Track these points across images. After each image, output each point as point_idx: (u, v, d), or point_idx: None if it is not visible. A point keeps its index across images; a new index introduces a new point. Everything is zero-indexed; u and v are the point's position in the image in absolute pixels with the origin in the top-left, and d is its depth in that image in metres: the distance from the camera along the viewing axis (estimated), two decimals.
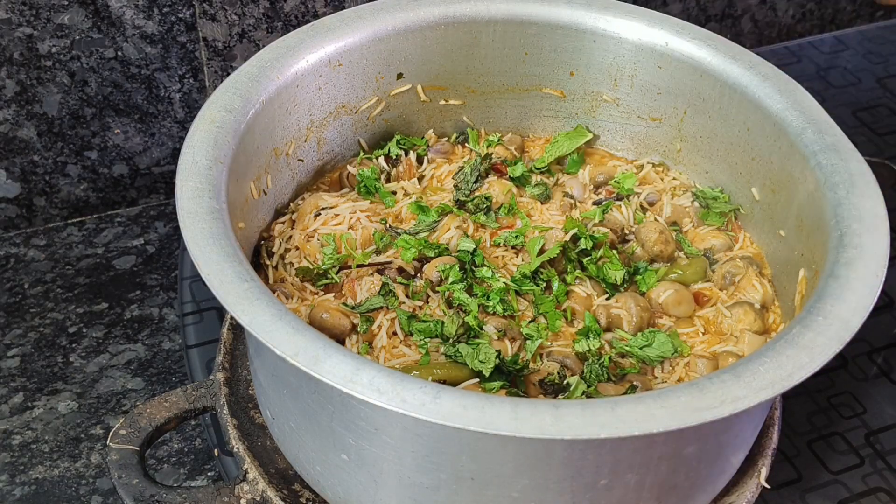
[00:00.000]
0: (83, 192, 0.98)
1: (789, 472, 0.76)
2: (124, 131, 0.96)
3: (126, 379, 0.83)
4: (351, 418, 0.54)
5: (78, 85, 0.92)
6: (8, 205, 0.95)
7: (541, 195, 0.76)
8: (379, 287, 0.66)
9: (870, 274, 0.56)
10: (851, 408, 0.81)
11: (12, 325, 0.87)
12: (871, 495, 0.74)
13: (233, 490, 0.64)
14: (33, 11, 0.86)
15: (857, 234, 0.58)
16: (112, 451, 0.63)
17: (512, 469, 0.52)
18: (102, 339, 0.86)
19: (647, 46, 0.75)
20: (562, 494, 0.53)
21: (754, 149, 0.72)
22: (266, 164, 0.70)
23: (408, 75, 0.78)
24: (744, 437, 0.62)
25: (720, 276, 0.70)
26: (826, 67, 1.23)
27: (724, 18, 1.23)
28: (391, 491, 0.56)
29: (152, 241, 0.96)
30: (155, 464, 0.76)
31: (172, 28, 0.92)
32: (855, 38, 1.29)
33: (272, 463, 0.66)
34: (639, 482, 0.54)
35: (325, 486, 0.61)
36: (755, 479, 0.65)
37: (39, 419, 0.79)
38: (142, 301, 0.90)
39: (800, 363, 0.51)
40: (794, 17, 1.28)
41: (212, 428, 0.77)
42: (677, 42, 0.74)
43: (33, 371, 0.83)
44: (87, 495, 0.74)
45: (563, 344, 0.65)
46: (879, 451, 0.78)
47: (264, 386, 0.62)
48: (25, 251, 0.94)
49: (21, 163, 0.94)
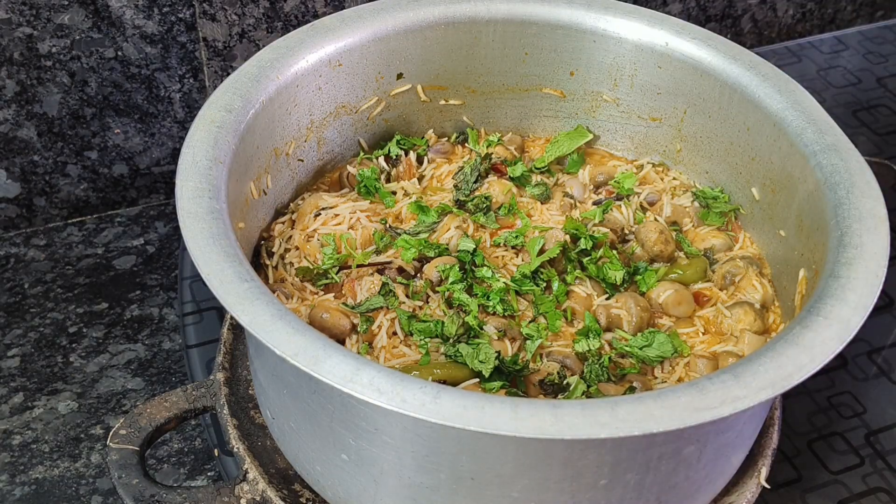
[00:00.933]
0: (83, 192, 0.98)
1: (789, 472, 0.76)
2: (124, 131, 0.96)
3: (126, 379, 0.83)
4: (351, 418, 0.54)
5: (78, 85, 0.92)
6: (8, 205, 0.95)
7: (541, 195, 0.76)
8: (379, 287, 0.66)
9: (870, 274, 0.56)
10: (851, 408, 0.81)
11: (12, 325, 0.87)
12: (871, 495, 0.74)
13: (233, 490, 0.64)
14: (33, 11, 0.86)
15: (858, 234, 0.58)
16: (112, 451, 0.63)
17: (512, 469, 0.52)
18: (102, 339, 0.86)
19: (647, 46, 0.75)
20: (562, 494, 0.53)
21: (754, 149, 0.72)
22: (266, 164, 0.70)
23: (408, 75, 0.78)
24: (744, 437, 0.62)
25: (720, 276, 0.70)
26: (826, 67, 1.23)
27: (724, 18, 1.23)
28: (391, 491, 0.56)
29: (152, 241, 0.96)
30: (155, 464, 0.76)
31: (172, 28, 0.92)
32: (855, 38, 1.29)
33: (272, 463, 0.66)
34: (639, 482, 0.54)
35: (325, 486, 0.61)
36: (755, 478, 0.65)
37: (39, 419, 0.79)
38: (142, 301, 0.90)
39: (800, 363, 0.51)
40: (794, 17, 1.28)
41: (212, 428, 0.77)
42: (677, 42, 0.75)
43: (33, 371, 0.83)
44: (87, 495, 0.74)
45: (563, 344, 0.65)
46: (879, 451, 0.77)
47: (264, 386, 0.62)
48: (25, 251, 0.94)
49: (21, 163, 0.94)
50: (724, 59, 0.72)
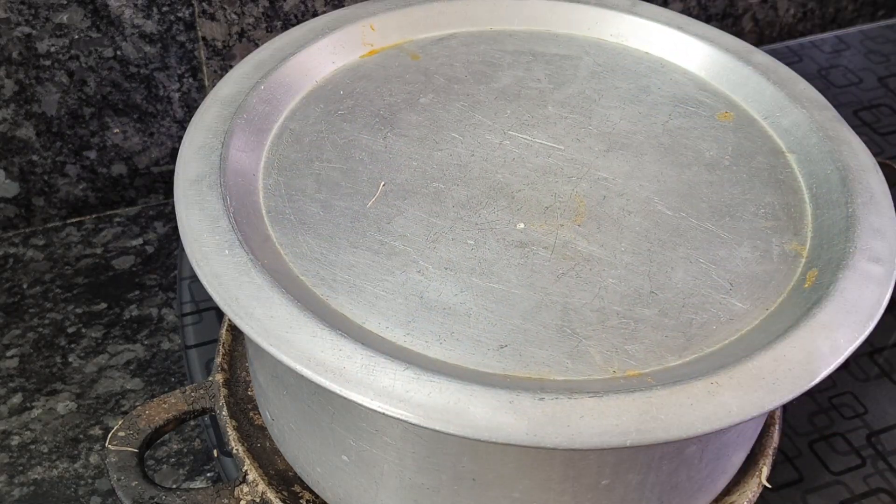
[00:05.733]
0: (82, 192, 0.98)
1: (790, 472, 0.75)
2: (123, 131, 0.96)
3: (125, 379, 0.82)
4: (352, 419, 0.53)
5: (77, 84, 0.91)
6: (6, 205, 0.95)
7: None
8: None
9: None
10: (853, 408, 0.81)
11: (11, 325, 0.86)
12: (872, 496, 0.74)
13: (232, 492, 0.63)
14: (32, 10, 0.86)
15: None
16: (111, 453, 0.63)
17: (513, 470, 0.52)
18: (101, 339, 0.86)
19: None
20: (563, 495, 0.53)
21: None
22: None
23: None
24: (745, 436, 0.61)
25: None
26: (827, 67, 1.23)
27: (724, 17, 1.22)
28: (392, 492, 0.56)
29: (151, 241, 0.96)
30: (154, 464, 0.76)
31: (171, 27, 0.92)
32: (856, 37, 1.29)
33: (272, 464, 0.65)
34: (640, 482, 0.54)
35: (325, 488, 0.61)
36: (756, 478, 0.65)
37: (38, 420, 0.79)
38: (141, 301, 0.90)
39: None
40: (795, 17, 1.28)
41: (211, 428, 0.77)
42: None
43: (32, 371, 0.83)
44: (85, 496, 0.74)
45: None
46: (881, 452, 0.77)
47: (264, 387, 0.62)
48: (24, 251, 0.94)
49: (20, 162, 0.93)
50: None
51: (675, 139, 0.66)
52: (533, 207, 0.60)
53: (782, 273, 0.57)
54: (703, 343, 0.53)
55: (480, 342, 0.51)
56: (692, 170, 0.64)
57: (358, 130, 0.65)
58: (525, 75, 0.71)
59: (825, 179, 0.62)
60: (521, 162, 0.63)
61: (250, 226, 0.56)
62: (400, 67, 0.71)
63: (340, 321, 0.51)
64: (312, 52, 0.69)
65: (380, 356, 0.48)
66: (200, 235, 0.54)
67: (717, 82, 0.72)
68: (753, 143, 0.67)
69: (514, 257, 0.57)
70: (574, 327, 0.53)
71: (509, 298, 0.54)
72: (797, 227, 0.60)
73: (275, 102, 0.66)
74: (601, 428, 0.46)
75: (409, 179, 0.61)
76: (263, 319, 0.50)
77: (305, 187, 0.60)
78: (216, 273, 0.52)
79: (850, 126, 0.69)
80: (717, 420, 0.47)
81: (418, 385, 0.47)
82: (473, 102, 0.68)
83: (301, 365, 0.48)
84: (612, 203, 0.61)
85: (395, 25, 0.73)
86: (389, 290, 0.54)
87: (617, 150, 0.65)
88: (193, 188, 0.57)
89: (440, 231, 0.58)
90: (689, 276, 0.56)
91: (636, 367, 0.51)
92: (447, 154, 0.64)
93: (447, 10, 0.75)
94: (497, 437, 0.45)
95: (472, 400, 0.46)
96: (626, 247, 0.58)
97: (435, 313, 0.53)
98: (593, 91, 0.70)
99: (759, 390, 0.48)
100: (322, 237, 0.57)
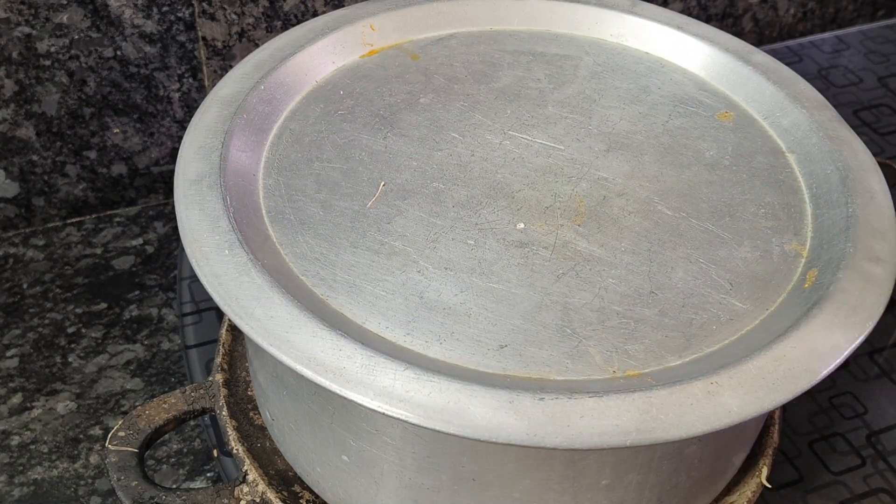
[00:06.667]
0: (82, 192, 0.98)
1: (790, 472, 0.75)
2: (123, 131, 0.96)
3: (125, 379, 0.82)
4: (352, 419, 0.53)
5: (77, 84, 0.91)
6: (6, 205, 0.95)
7: None
8: None
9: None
10: (853, 408, 0.81)
11: (11, 325, 0.86)
12: (872, 496, 0.74)
13: (232, 492, 0.63)
14: (32, 10, 0.86)
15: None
16: (111, 453, 0.63)
17: (514, 470, 0.52)
18: (101, 339, 0.86)
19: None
20: (563, 495, 0.53)
21: None
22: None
23: None
24: (745, 435, 0.61)
25: None
26: (827, 67, 1.23)
27: (724, 17, 1.22)
28: (392, 492, 0.56)
29: (151, 241, 0.96)
30: (154, 464, 0.76)
31: (171, 27, 0.92)
32: (856, 37, 1.29)
33: (272, 464, 0.65)
34: (640, 482, 0.54)
35: (325, 488, 0.61)
36: (756, 478, 0.65)
37: (38, 420, 0.79)
38: (141, 301, 0.89)
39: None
40: (795, 17, 1.28)
41: (211, 428, 0.77)
42: None
43: (32, 371, 0.83)
44: (85, 496, 0.74)
45: None
46: (881, 452, 0.77)
47: (264, 387, 0.62)
48: (24, 251, 0.94)
49: (20, 162, 0.93)
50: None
51: (675, 139, 0.66)
52: (533, 207, 0.60)
53: (782, 273, 0.57)
54: (703, 343, 0.53)
55: (480, 342, 0.51)
56: (692, 170, 0.64)
57: (358, 130, 0.65)
58: (525, 75, 0.71)
59: (825, 179, 0.62)
60: (521, 162, 0.63)
61: (250, 226, 0.56)
62: (400, 67, 0.71)
63: (340, 321, 0.51)
64: (312, 52, 0.69)
65: (380, 356, 0.48)
66: (200, 235, 0.54)
67: (717, 82, 0.72)
68: (753, 143, 0.67)
69: (514, 257, 0.56)
70: (574, 327, 0.53)
71: (509, 298, 0.54)
72: (797, 227, 0.60)
73: (275, 102, 0.66)
74: (601, 428, 0.46)
75: (409, 179, 0.61)
76: (263, 319, 0.50)
77: (305, 187, 0.60)
78: (216, 273, 0.52)
79: (850, 126, 0.69)
80: (717, 420, 0.47)
81: (418, 385, 0.47)
82: (473, 102, 0.68)
83: (301, 365, 0.48)
84: (612, 203, 0.61)
85: (394, 25, 0.73)
86: (389, 290, 0.54)
87: (617, 150, 0.65)
88: (193, 188, 0.57)
89: (440, 231, 0.58)
90: (689, 276, 0.56)
91: (636, 367, 0.51)
92: (447, 154, 0.64)
93: (447, 10, 0.75)
94: (497, 437, 0.45)
95: (472, 400, 0.46)
96: (626, 247, 0.58)
97: (435, 313, 0.53)
98: (593, 91, 0.70)
99: (759, 390, 0.48)
100: (322, 237, 0.57)
